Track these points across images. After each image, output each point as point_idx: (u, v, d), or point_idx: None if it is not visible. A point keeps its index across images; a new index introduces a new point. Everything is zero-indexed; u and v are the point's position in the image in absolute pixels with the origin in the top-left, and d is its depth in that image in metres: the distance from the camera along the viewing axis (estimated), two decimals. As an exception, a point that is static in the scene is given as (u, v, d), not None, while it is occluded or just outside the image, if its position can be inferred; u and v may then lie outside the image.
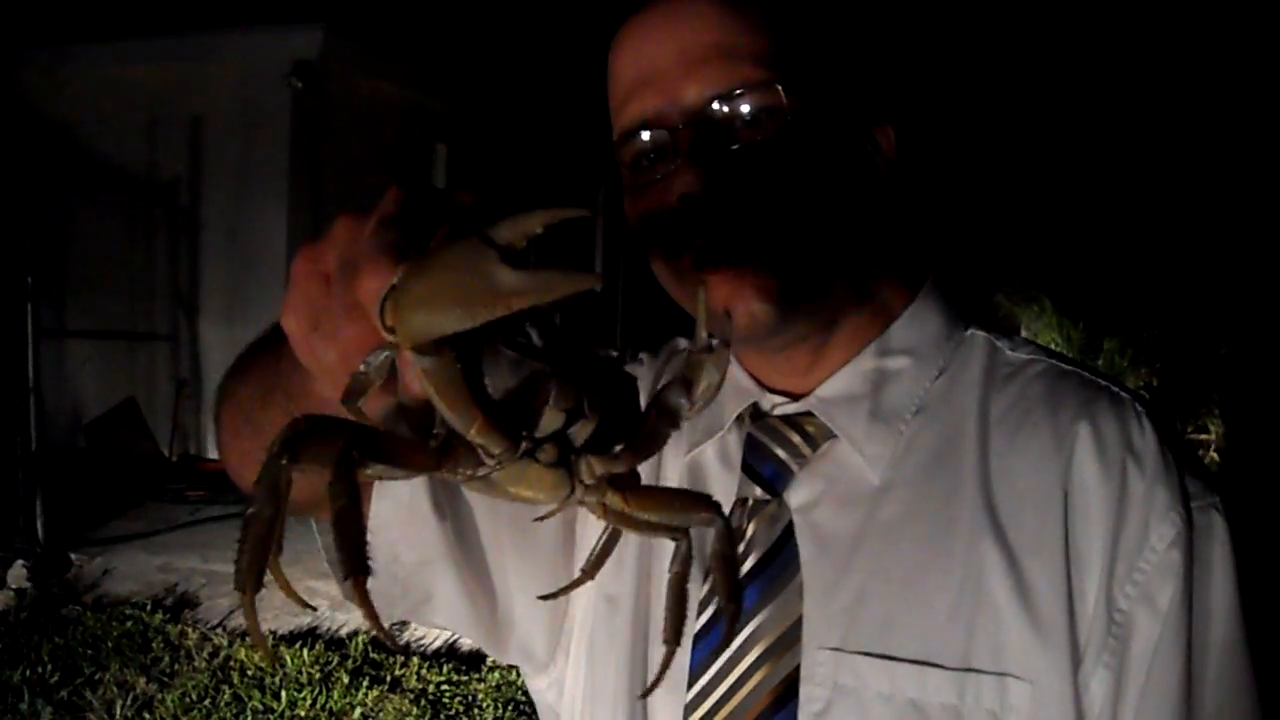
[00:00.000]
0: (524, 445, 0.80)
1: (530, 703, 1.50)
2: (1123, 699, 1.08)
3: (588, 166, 14.42)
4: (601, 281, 0.70)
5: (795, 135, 1.13)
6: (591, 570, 1.09)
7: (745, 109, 1.12)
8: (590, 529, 1.28)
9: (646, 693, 1.07)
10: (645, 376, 1.38)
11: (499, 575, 1.30)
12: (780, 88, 1.12)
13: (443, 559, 1.28)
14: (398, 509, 1.26)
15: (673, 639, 1.02)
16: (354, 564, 0.74)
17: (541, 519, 1.06)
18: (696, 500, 0.96)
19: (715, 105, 1.13)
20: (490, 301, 0.68)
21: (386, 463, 0.80)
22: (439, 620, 1.33)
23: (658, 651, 1.19)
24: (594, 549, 1.08)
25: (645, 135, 1.16)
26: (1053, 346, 1.35)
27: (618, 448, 0.85)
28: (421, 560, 1.28)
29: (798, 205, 1.13)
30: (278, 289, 10.87)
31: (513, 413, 0.80)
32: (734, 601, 1.00)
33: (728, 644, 1.18)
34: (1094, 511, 1.10)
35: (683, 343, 1.42)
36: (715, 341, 0.86)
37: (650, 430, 0.87)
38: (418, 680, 6.28)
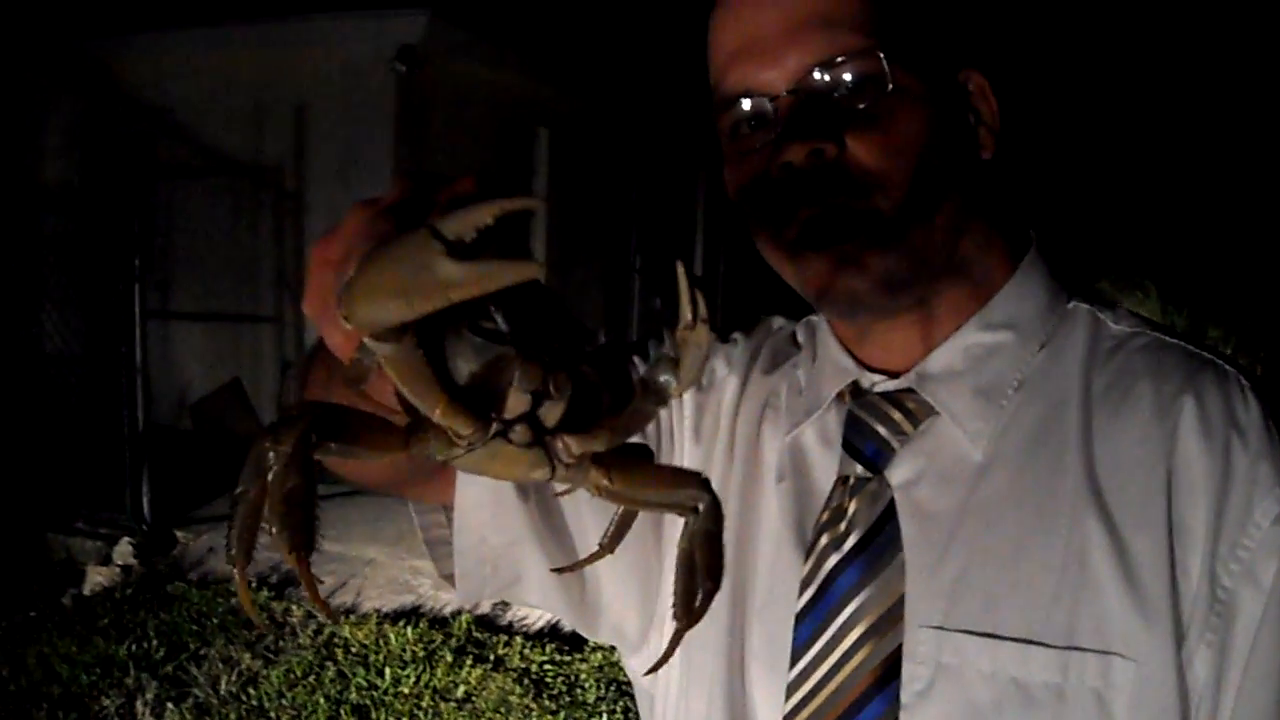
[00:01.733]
0: (494, 427, 0.81)
1: (631, 683, 1.51)
2: (1226, 677, 1.06)
3: (687, 152, 14.40)
4: (542, 270, 0.72)
5: (897, 104, 1.12)
6: (610, 544, 1.06)
7: (847, 77, 1.12)
8: None
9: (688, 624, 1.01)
10: (740, 357, 1.39)
11: (584, 554, 1.24)
12: (881, 55, 1.12)
13: (529, 540, 1.30)
14: (482, 492, 1.28)
15: (681, 616, 0.98)
16: (297, 539, 0.78)
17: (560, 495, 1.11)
18: (685, 477, 0.96)
19: (816, 73, 1.12)
20: (430, 292, 0.71)
21: (353, 444, 0.83)
22: (531, 600, 1.36)
23: (756, 631, 1.23)
24: (610, 524, 1.05)
25: (746, 103, 1.17)
26: None
27: (597, 426, 0.84)
28: (509, 541, 1.30)
29: (901, 178, 1.12)
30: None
31: (479, 395, 0.81)
32: (713, 580, 0.96)
33: (827, 625, 1.17)
34: (1198, 487, 1.08)
35: (777, 322, 1.43)
36: (701, 317, 0.85)
37: (636, 409, 0.87)
38: (520, 659, 6.27)
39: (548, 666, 6.22)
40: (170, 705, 5.82)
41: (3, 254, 10.07)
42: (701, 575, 0.95)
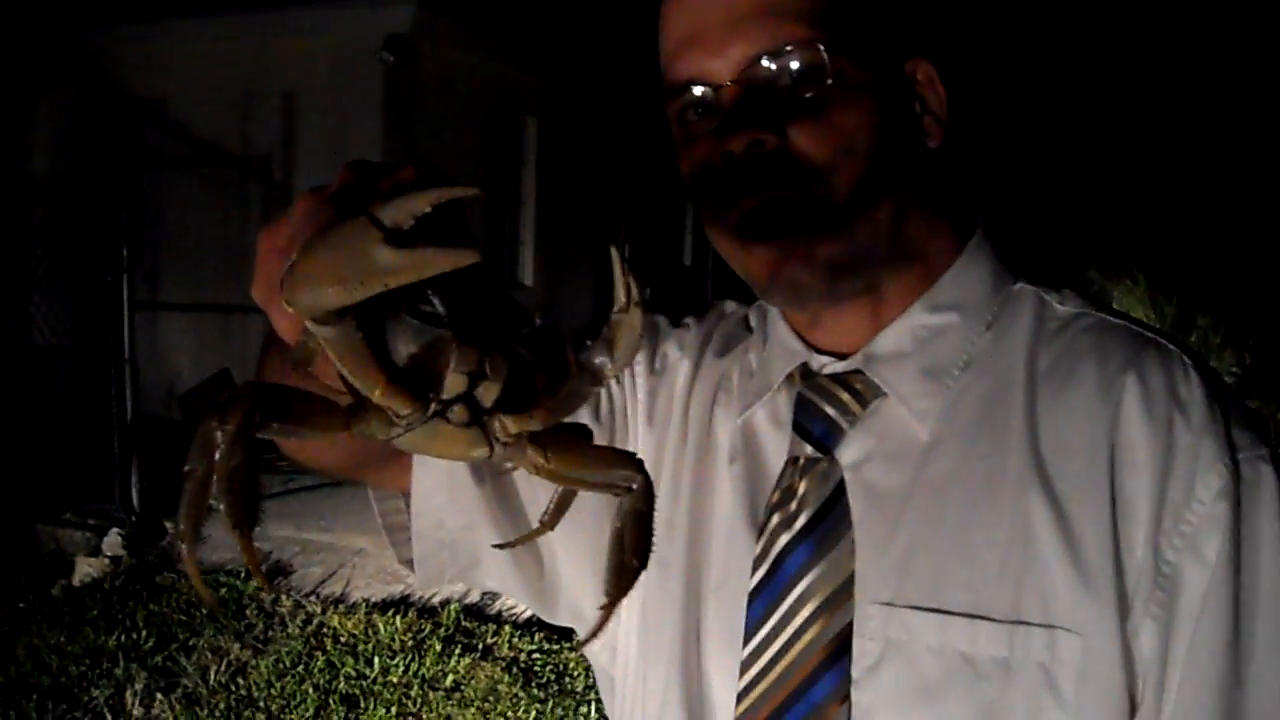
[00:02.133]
0: (433, 407, 0.84)
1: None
2: (1171, 650, 1.07)
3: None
4: (478, 256, 0.74)
5: (839, 94, 1.14)
6: (550, 521, 1.07)
7: (790, 67, 1.13)
8: None
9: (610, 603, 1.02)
10: (692, 341, 1.40)
11: (542, 538, 1.27)
12: (822, 46, 1.12)
13: (485, 523, 1.32)
14: (438, 477, 1.32)
15: (612, 589, 0.99)
16: (240, 515, 0.80)
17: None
18: (619, 457, 0.98)
19: (760, 63, 1.13)
20: (367, 279, 0.73)
21: (297, 424, 0.85)
22: (490, 583, 1.41)
23: (710, 610, 1.25)
24: (550, 501, 1.06)
25: (691, 91, 1.18)
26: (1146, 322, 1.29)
27: (533, 406, 0.87)
28: (465, 525, 1.33)
29: (842, 168, 1.14)
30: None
31: (418, 377, 0.83)
32: (639, 559, 0.97)
33: (779, 604, 1.18)
34: (1141, 463, 1.09)
35: (729, 306, 1.44)
36: (634, 300, 0.87)
37: (572, 389, 0.89)
38: (509, 649, 6.29)
39: (536, 655, 6.22)
40: (159, 695, 5.82)
41: (-9, 245, 10.03)
42: (628, 553, 0.97)
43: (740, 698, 1.19)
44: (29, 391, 9.80)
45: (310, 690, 5.85)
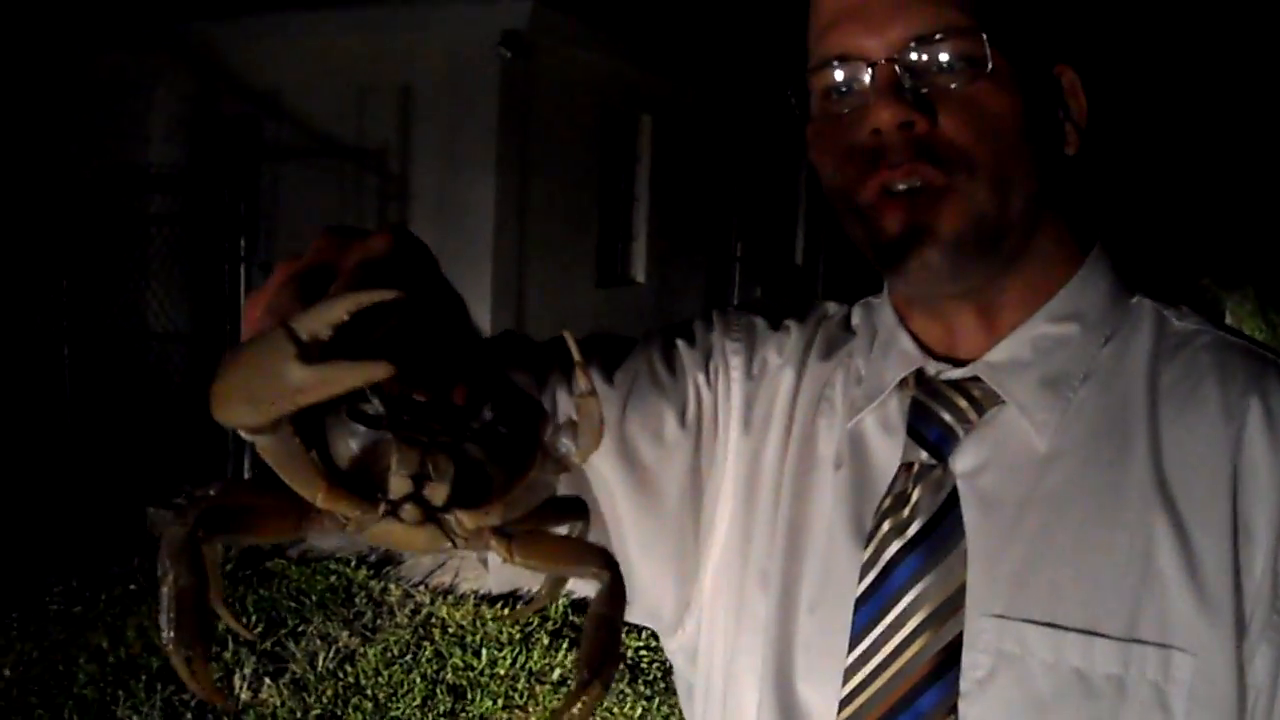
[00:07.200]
0: (382, 508, 0.82)
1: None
2: None
3: (789, 141, 14.30)
4: (392, 370, 0.71)
5: (993, 87, 1.12)
6: (550, 596, 1.10)
7: (949, 53, 1.12)
8: (724, 480, 1.31)
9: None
10: (795, 346, 1.37)
11: (616, 537, 1.29)
12: (985, 36, 1.11)
13: None
14: None
15: (593, 676, 0.90)
16: (190, 638, 0.76)
17: None
18: (588, 551, 0.94)
19: (918, 45, 1.12)
20: (278, 398, 0.72)
21: (245, 533, 0.83)
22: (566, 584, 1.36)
23: (810, 616, 1.22)
24: (542, 586, 1.08)
25: (844, 66, 1.16)
26: (1257, 334, 1.21)
27: (488, 502, 0.85)
28: None
29: (989, 160, 1.13)
30: (484, 257, 10.99)
31: (364, 478, 0.81)
32: (591, 671, 0.89)
33: (887, 612, 1.17)
34: (1263, 487, 1.09)
35: (831, 307, 1.42)
36: (588, 391, 0.86)
37: (535, 480, 0.88)
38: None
39: (643, 652, 6.23)
40: (268, 680, 5.87)
41: (111, 233, 10.17)
42: (582, 662, 0.89)
43: (843, 704, 1.18)
44: (144, 376, 9.93)
45: (417, 680, 5.88)
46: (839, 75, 1.17)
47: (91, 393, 9.36)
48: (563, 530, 0.98)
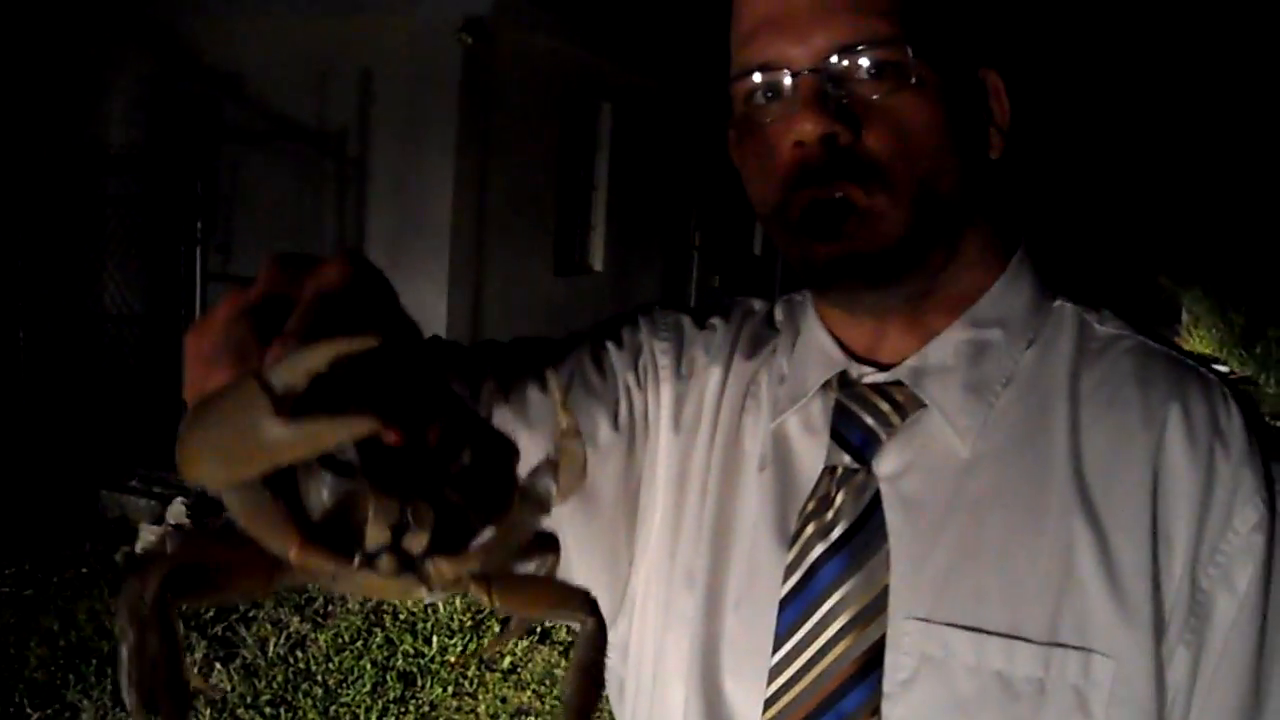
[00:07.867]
0: (358, 559, 0.77)
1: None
2: (1200, 677, 1.10)
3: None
4: (376, 423, 0.66)
5: (917, 96, 1.12)
6: (516, 630, 1.09)
7: (873, 62, 1.11)
8: (656, 480, 1.32)
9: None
10: (720, 344, 1.37)
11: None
12: (908, 46, 1.10)
13: None
14: None
15: (578, 718, 0.90)
16: (165, 706, 0.71)
17: None
18: (571, 595, 0.91)
19: (841, 55, 1.11)
20: (254, 458, 0.67)
21: (214, 593, 0.78)
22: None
23: (735, 617, 1.23)
24: (512, 620, 1.04)
25: (766, 74, 1.15)
26: (1214, 331, 1.25)
27: (467, 549, 0.81)
28: None
29: (913, 172, 1.12)
30: (442, 243, 10.97)
31: (337, 531, 0.77)
32: (582, 718, 0.89)
33: (811, 613, 1.18)
34: (1182, 492, 1.11)
35: (755, 304, 1.42)
36: (570, 430, 0.84)
37: (514, 523, 0.84)
38: (567, 633, 6.24)
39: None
40: (218, 665, 5.86)
41: (67, 214, 10.11)
42: (568, 706, 0.88)
43: (768, 704, 1.19)
44: (98, 358, 9.88)
45: (368, 666, 5.89)
46: (761, 83, 1.16)
47: (46, 374, 9.31)
48: (533, 566, 0.95)
